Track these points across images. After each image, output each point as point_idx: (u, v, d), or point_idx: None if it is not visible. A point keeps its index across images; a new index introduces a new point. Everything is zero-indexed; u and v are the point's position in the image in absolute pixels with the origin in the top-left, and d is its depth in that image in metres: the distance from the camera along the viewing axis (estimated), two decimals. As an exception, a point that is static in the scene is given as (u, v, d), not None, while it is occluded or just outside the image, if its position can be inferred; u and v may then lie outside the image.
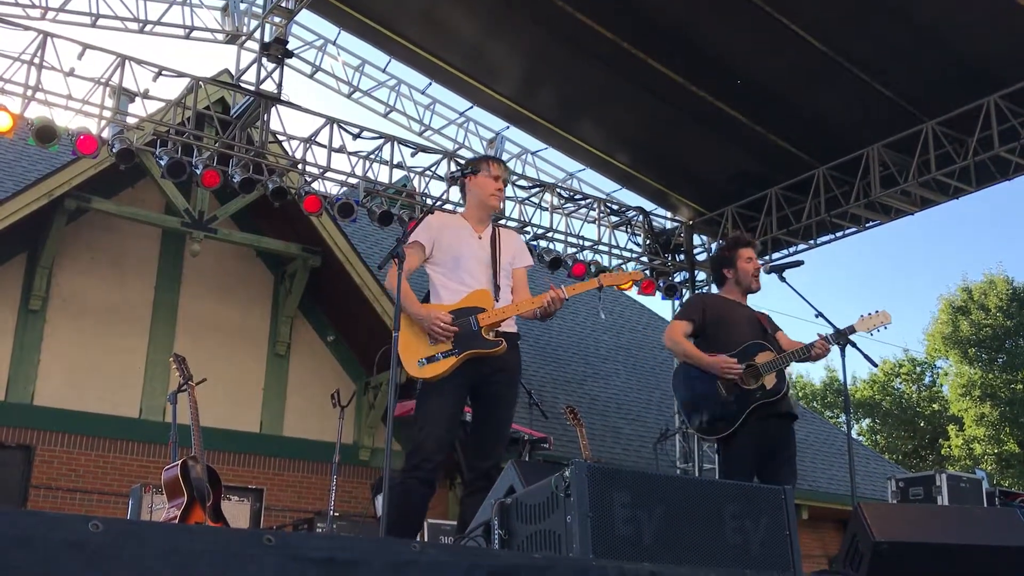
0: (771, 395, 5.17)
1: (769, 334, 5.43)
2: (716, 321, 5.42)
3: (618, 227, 12.08)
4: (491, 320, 4.42)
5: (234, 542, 2.20)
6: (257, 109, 9.43)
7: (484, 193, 4.71)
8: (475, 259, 4.58)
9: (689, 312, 5.56)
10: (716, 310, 5.48)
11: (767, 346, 5.28)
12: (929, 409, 31.65)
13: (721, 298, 5.60)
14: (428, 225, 4.63)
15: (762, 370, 5.20)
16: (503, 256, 4.65)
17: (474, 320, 4.40)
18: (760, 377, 5.19)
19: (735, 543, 3.30)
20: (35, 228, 10.50)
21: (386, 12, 10.39)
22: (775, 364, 5.21)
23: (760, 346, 5.28)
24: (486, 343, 4.39)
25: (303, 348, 12.15)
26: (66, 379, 10.65)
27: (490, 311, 4.44)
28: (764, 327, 5.45)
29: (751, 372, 5.20)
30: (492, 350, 4.40)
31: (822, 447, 16.04)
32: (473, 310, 4.42)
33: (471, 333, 4.38)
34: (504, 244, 4.70)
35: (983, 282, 29.67)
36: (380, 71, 11.19)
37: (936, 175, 9.88)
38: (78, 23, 9.18)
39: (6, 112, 8.34)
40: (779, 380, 5.22)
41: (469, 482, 4.49)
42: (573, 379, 14.75)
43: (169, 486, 6.36)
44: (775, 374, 5.21)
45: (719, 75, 9.95)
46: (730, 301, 5.54)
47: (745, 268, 5.52)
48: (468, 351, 4.34)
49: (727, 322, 5.40)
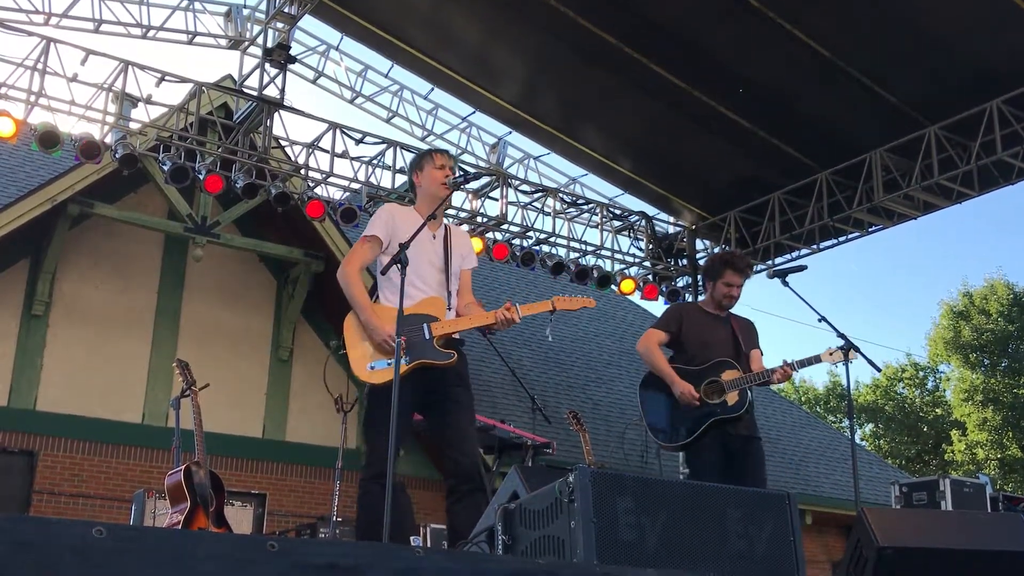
0: (730, 411, 5.36)
1: (743, 352, 5.56)
2: (690, 333, 5.60)
3: (621, 232, 12.09)
4: (444, 331, 4.40)
5: (238, 548, 2.20)
6: (260, 114, 9.44)
7: (433, 184, 4.66)
8: (428, 262, 4.53)
9: (666, 322, 5.73)
10: (693, 323, 5.65)
11: (734, 364, 5.46)
12: (932, 414, 31.59)
13: (700, 310, 5.79)
14: (385, 218, 4.57)
15: (726, 387, 5.40)
16: (454, 259, 4.61)
17: (427, 328, 4.37)
18: (723, 393, 5.39)
19: (739, 549, 3.29)
20: (38, 233, 10.51)
21: (389, 17, 10.40)
22: (738, 383, 5.39)
23: (727, 364, 5.46)
24: (438, 354, 4.36)
25: (306, 353, 12.15)
26: (69, 384, 10.64)
27: (443, 322, 4.42)
28: (739, 344, 5.57)
29: (715, 388, 5.41)
30: (444, 362, 4.37)
31: (825, 452, 16.00)
32: (426, 318, 4.39)
33: (423, 342, 4.34)
34: (455, 245, 4.66)
35: (984, 287, 29.67)
36: (383, 76, 11.21)
37: (939, 179, 9.87)
38: (81, 29, 9.19)
39: (9, 117, 8.35)
40: (741, 399, 5.38)
41: (453, 488, 4.34)
42: (576, 384, 14.73)
43: (172, 491, 6.36)
44: (737, 392, 5.39)
45: (722, 80, 9.95)
46: (708, 314, 5.71)
47: (722, 291, 5.67)
48: (419, 360, 4.30)
49: (701, 336, 5.58)
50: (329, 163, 9.97)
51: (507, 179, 11.09)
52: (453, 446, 4.38)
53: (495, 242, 10.83)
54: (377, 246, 4.52)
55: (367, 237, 4.51)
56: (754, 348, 5.68)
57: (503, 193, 10.99)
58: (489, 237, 10.90)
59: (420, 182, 4.71)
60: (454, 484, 4.35)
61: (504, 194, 11.00)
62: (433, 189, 4.65)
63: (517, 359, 13.17)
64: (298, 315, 12.05)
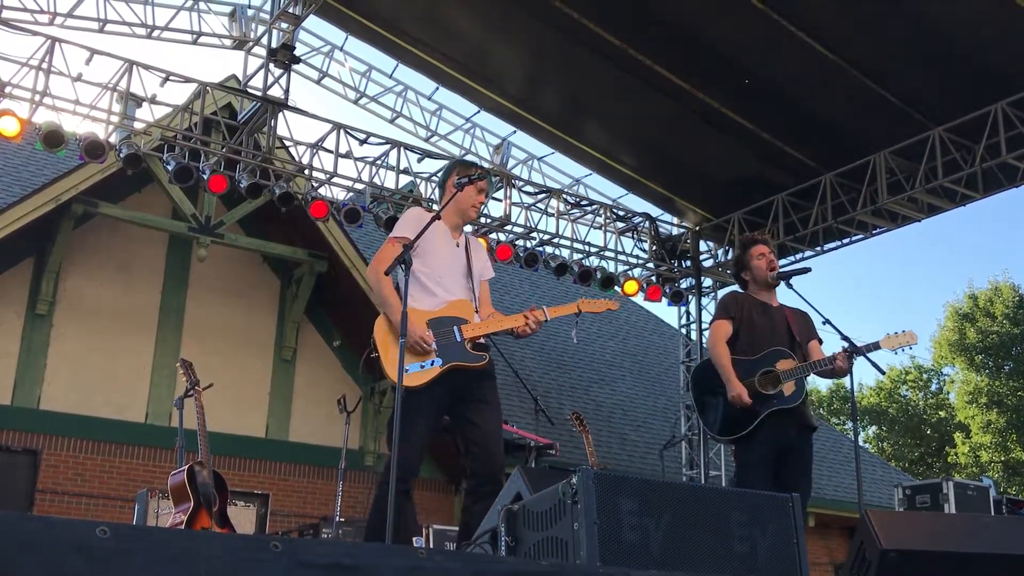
0: (788, 402, 5.18)
1: (797, 341, 5.41)
2: (745, 322, 5.43)
3: (624, 233, 12.08)
4: (475, 333, 4.41)
5: (241, 548, 2.20)
6: (264, 114, 9.45)
7: (467, 203, 4.66)
8: (453, 266, 4.54)
9: (728, 309, 5.53)
10: (748, 310, 5.47)
11: (789, 353, 5.29)
12: (936, 416, 31.56)
13: (753, 298, 5.57)
14: (415, 220, 4.53)
15: (782, 377, 5.21)
16: (474, 267, 4.62)
17: (458, 331, 4.37)
18: (779, 384, 5.21)
19: (742, 551, 3.29)
20: (42, 233, 10.53)
21: (393, 17, 10.41)
22: (794, 373, 5.22)
23: (781, 353, 5.29)
24: (470, 356, 4.37)
25: (309, 353, 12.16)
26: (72, 383, 10.66)
27: (473, 324, 4.43)
28: (793, 332, 5.43)
29: (771, 378, 5.22)
30: (476, 364, 4.37)
31: (828, 454, 15.98)
32: (456, 320, 4.39)
33: (455, 344, 4.34)
34: (474, 254, 4.67)
35: (989, 289, 29.61)
36: (387, 77, 11.23)
37: (943, 182, 9.86)
38: (86, 28, 9.21)
39: (14, 117, 8.36)
40: (797, 389, 5.22)
41: (473, 489, 4.34)
42: (579, 385, 14.74)
43: (175, 491, 6.36)
44: (794, 383, 5.21)
45: (726, 80, 9.96)
46: (761, 302, 5.52)
47: (758, 265, 5.53)
48: (453, 362, 4.30)
49: (754, 325, 5.41)
50: (333, 163, 9.98)
51: (511, 180, 11.09)
52: (480, 445, 4.36)
53: (499, 243, 10.83)
54: None
55: (396, 238, 4.48)
56: (812, 339, 5.51)
57: (507, 194, 11.00)
58: (493, 238, 10.90)
59: (457, 192, 4.63)
60: (477, 484, 4.32)
61: (508, 195, 11.00)
62: (465, 207, 4.67)
63: (520, 360, 13.17)
64: (301, 315, 12.06)
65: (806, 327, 5.55)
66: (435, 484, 12.03)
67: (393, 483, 3.91)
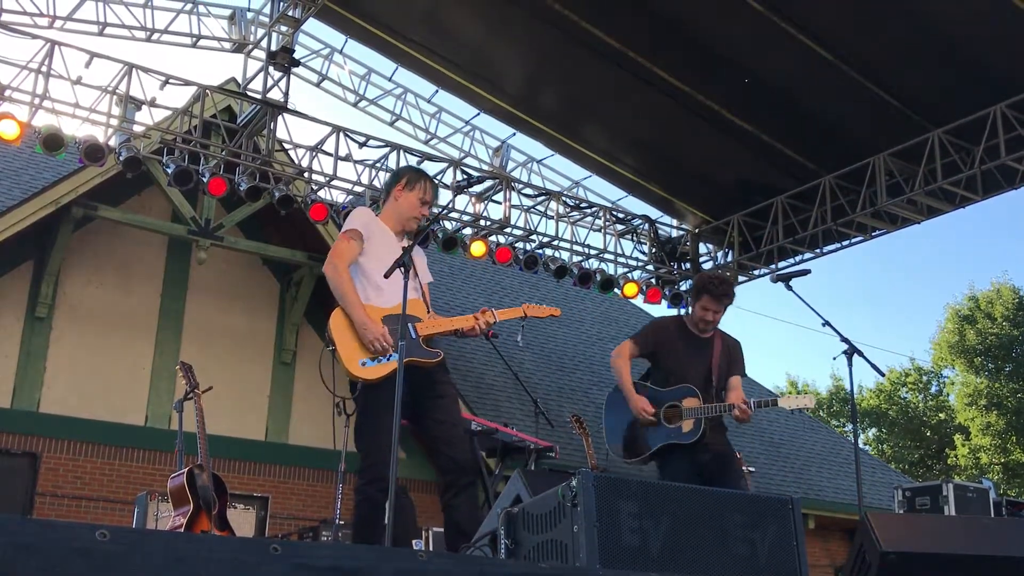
0: (683, 438, 5.45)
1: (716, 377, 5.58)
2: (666, 355, 5.67)
3: (624, 235, 12.08)
4: (429, 331, 4.51)
5: (241, 550, 2.20)
6: (263, 117, 9.45)
7: (407, 212, 4.74)
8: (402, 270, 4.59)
9: (643, 339, 5.81)
10: (671, 342, 5.69)
11: (696, 392, 5.51)
12: (935, 418, 31.55)
13: (682, 328, 5.77)
14: (366, 218, 4.64)
15: (684, 414, 5.49)
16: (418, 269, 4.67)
17: (413, 328, 4.45)
18: (680, 419, 5.50)
19: (742, 553, 3.29)
20: (42, 236, 10.52)
21: (392, 20, 10.42)
22: (695, 412, 5.47)
23: (691, 391, 5.51)
24: (425, 352, 4.47)
25: (309, 356, 12.14)
26: (72, 386, 10.65)
27: (427, 321, 4.53)
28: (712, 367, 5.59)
29: (675, 413, 5.52)
30: (431, 360, 4.47)
31: (828, 456, 15.99)
32: (411, 318, 4.44)
33: (411, 341, 4.40)
34: (417, 259, 4.70)
35: (989, 291, 29.62)
36: (386, 79, 11.22)
37: (943, 184, 9.86)
38: (85, 32, 9.21)
39: (13, 120, 8.36)
40: (695, 428, 5.46)
41: (451, 483, 4.38)
42: (578, 387, 14.72)
43: (175, 494, 6.35)
44: (692, 421, 5.47)
45: (725, 83, 9.96)
46: (689, 334, 5.71)
47: (698, 314, 5.70)
48: (410, 359, 4.34)
49: (676, 358, 5.64)
50: (333, 166, 9.98)
51: (510, 182, 11.09)
52: (447, 442, 4.44)
53: (498, 245, 10.83)
54: (359, 242, 4.55)
55: (350, 232, 4.55)
56: (735, 375, 5.68)
57: (506, 196, 11.00)
58: (492, 241, 10.91)
59: (399, 199, 4.74)
60: (453, 479, 4.39)
61: (507, 197, 11.00)
62: (407, 214, 4.73)
63: (519, 363, 13.16)
64: (301, 318, 12.06)
65: (732, 361, 5.72)
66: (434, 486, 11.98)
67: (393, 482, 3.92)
